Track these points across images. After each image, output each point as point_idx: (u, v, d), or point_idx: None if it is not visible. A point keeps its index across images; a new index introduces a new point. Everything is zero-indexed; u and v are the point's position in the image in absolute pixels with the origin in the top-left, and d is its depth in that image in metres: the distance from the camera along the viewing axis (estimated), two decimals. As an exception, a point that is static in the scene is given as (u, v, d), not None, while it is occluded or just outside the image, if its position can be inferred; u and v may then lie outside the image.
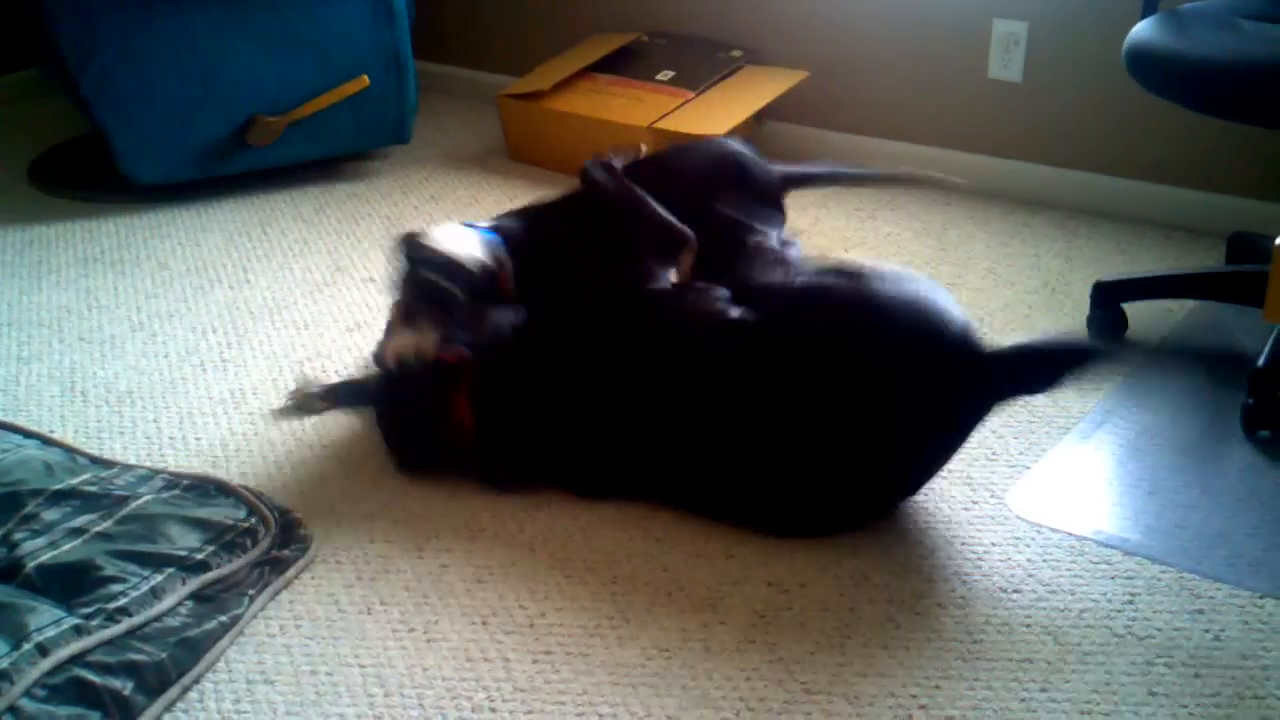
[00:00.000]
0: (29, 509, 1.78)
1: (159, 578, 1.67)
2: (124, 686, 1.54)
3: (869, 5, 3.22)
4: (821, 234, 2.96)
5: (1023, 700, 1.54)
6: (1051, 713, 1.52)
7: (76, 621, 1.56)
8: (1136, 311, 2.44)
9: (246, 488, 1.92)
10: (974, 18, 3.05)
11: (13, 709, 1.44)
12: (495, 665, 1.64)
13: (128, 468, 1.98)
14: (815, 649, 1.64)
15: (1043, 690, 1.56)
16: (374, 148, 3.59)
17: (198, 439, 2.20)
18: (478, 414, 1.99)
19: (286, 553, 1.84)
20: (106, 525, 1.76)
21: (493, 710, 1.57)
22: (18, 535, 1.73)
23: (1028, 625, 1.67)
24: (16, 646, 1.50)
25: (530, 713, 1.56)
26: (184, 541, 1.74)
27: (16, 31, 3.60)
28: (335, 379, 2.36)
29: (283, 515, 1.89)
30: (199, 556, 1.73)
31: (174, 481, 1.92)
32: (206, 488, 1.87)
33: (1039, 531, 1.87)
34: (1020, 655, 1.62)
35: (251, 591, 1.75)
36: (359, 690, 1.61)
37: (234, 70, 3.22)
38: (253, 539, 1.80)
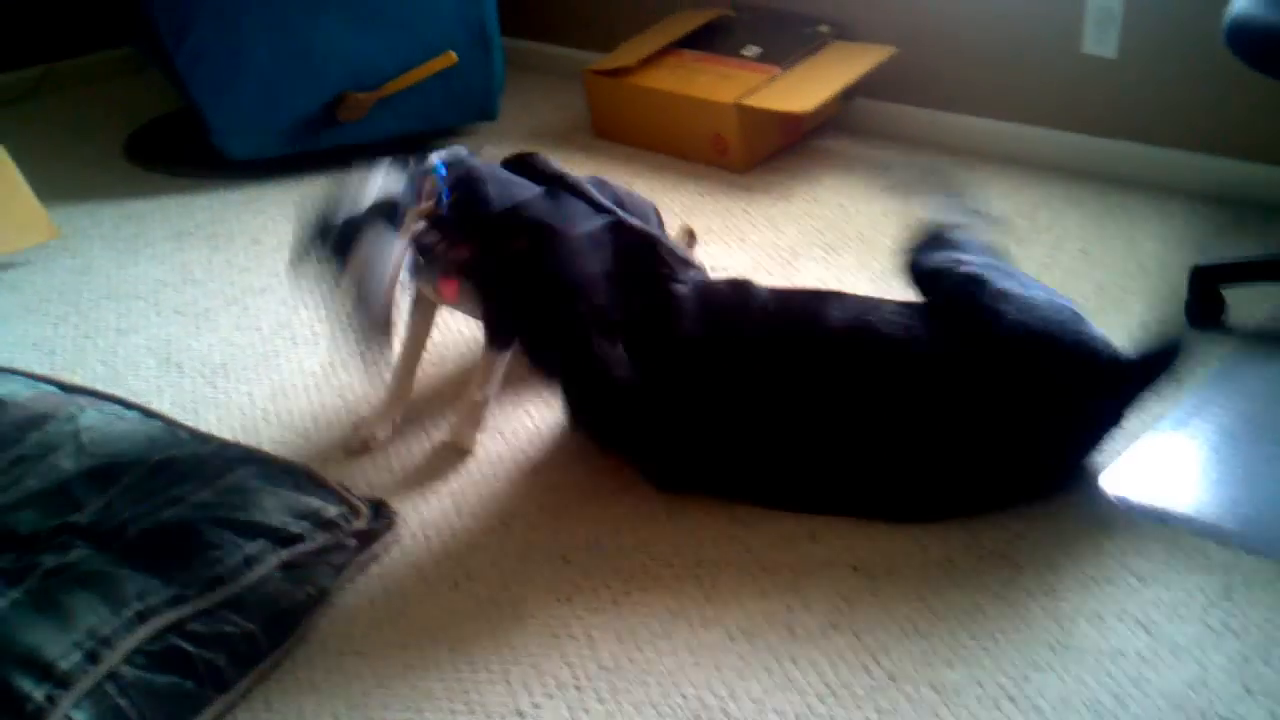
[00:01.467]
0: (130, 478, 1.83)
1: (253, 547, 1.71)
2: (218, 657, 1.58)
3: (961, -20, 3.17)
4: (910, 214, 2.92)
5: (1114, 694, 1.52)
6: (1143, 707, 1.50)
7: (174, 591, 1.60)
8: (1235, 296, 2.38)
9: (338, 483, 1.95)
10: (1069, -8, 2.99)
11: (113, 675, 1.48)
12: (580, 643, 1.66)
13: (225, 445, 2.01)
14: (900, 635, 1.64)
15: (1134, 684, 1.53)
16: (461, 124, 3.61)
17: (289, 412, 2.23)
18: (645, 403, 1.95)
19: (375, 528, 1.86)
20: (204, 495, 1.80)
21: (577, 688, 1.58)
22: (119, 503, 1.77)
23: (1120, 616, 1.65)
24: (117, 613, 1.54)
25: (614, 691, 1.57)
26: (278, 516, 1.77)
27: (112, 8, 3.66)
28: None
29: (371, 503, 1.92)
30: (292, 530, 1.76)
31: (268, 463, 1.94)
32: (299, 476, 1.90)
33: (1132, 520, 1.84)
34: (1111, 647, 1.60)
35: (342, 561, 1.78)
36: (446, 665, 1.64)
37: (325, 47, 3.25)
38: (345, 520, 1.83)
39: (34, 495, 1.80)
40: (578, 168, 3.33)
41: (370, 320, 1.82)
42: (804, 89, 3.17)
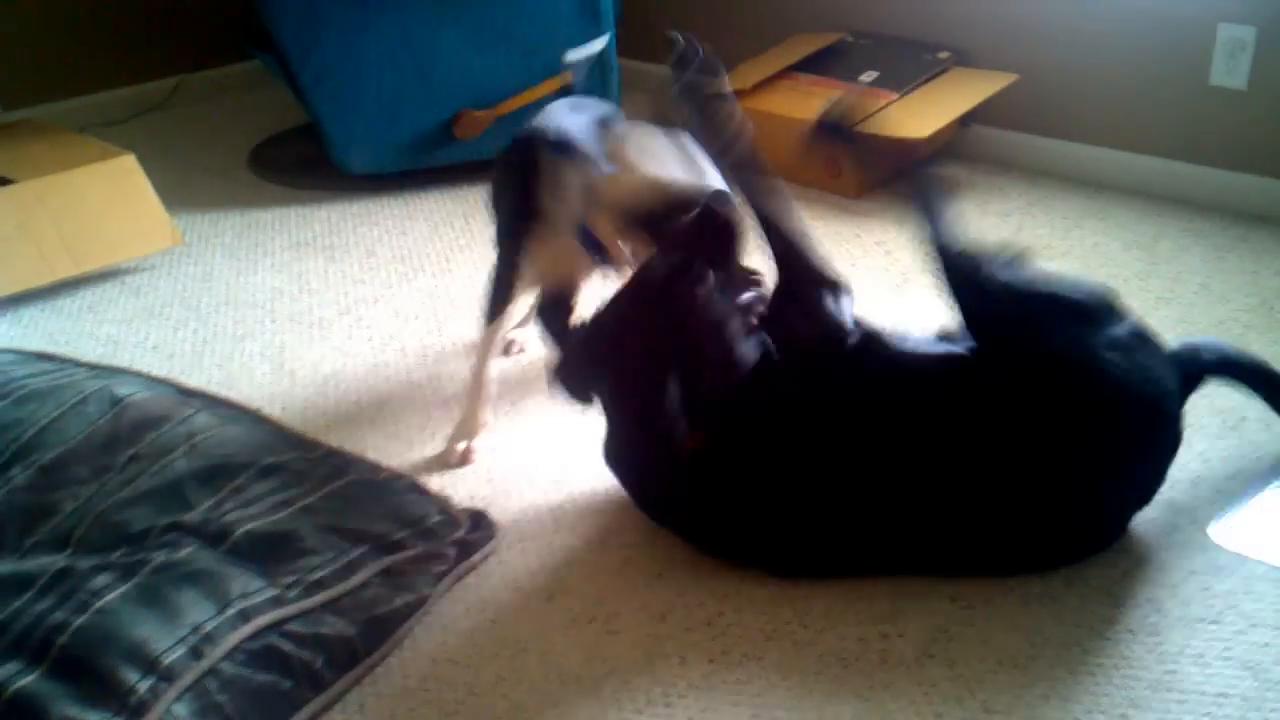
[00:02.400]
0: (239, 480, 1.87)
1: (354, 553, 1.74)
2: (315, 659, 1.60)
3: (1084, 6, 3.11)
4: (1025, 242, 2.87)
5: (1217, 737, 1.48)
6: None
7: (275, 591, 1.63)
8: (1362, 335, 2.31)
9: (439, 493, 1.97)
10: (1197, 21, 2.92)
11: (214, 671, 1.51)
12: (672, 661, 1.65)
13: (331, 451, 2.05)
14: (997, 668, 1.60)
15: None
16: (575, 143, 3.64)
17: (395, 422, 2.27)
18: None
19: (474, 538, 1.88)
20: (310, 500, 1.83)
21: (667, 706, 1.58)
22: (228, 504, 1.82)
23: (1226, 658, 1.60)
24: (221, 611, 1.58)
25: (705, 710, 1.57)
26: (380, 524, 1.80)
27: (243, 23, 3.77)
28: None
29: (472, 513, 1.94)
30: (393, 537, 1.79)
31: (373, 470, 1.98)
32: (402, 485, 1.93)
33: (1242, 562, 1.78)
34: (1215, 689, 1.55)
35: (440, 570, 1.81)
36: (537, 677, 1.65)
37: (445, 65, 3.31)
38: (445, 529, 1.85)
39: (147, 493, 1.85)
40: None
41: None
42: (920, 115, 3.14)
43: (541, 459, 2.14)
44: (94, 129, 3.80)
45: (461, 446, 2.15)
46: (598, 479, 2.05)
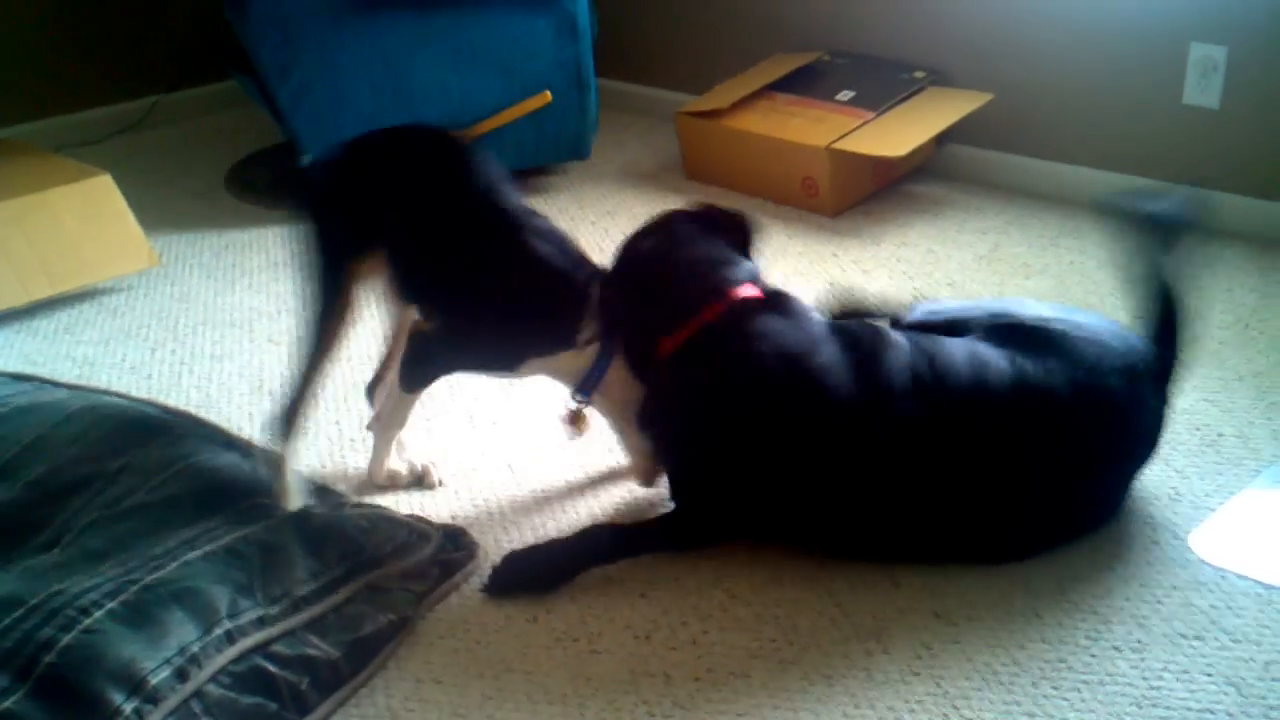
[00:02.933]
0: (238, 504, 1.86)
1: (337, 570, 1.73)
2: (300, 681, 1.60)
3: (1058, 26, 3.14)
4: (1002, 260, 2.90)
5: (1201, 752, 1.48)
6: None
7: (261, 610, 1.62)
8: (1337, 351, 2.33)
9: (414, 516, 1.97)
10: (1169, 41, 2.95)
11: (199, 693, 1.50)
12: (657, 680, 1.65)
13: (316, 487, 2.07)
14: (982, 685, 1.61)
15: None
16: (554, 162, 3.65)
17: (376, 442, 2.26)
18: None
19: (455, 557, 1.88)
20: (294, 520, 1.83)
21: (653, 725, 1.58)
22: (218, 520, 1.81)
23: (1208, 674, 1.60)
24: (208, 631, 1.56)
25: (690, 730, 1.56)
26: (362, 542, 1.80)
27: (222, 44, 3.77)
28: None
29: (452, 532, 1.95)
30: (375, 555, 1.79)
31: (350, 503, 1.98)
32: (379, 512, 1.93)
33: (1224, 577, 1.79)
34: (1200, 705, 1.55)
35: (422, 589, 1.80)
36: (522, 697, 1.64)
37: (422, 84, 3.31)
38: (425, 549, 1.85)
39: (144, 505, 1.84)
40: (669, 208, 3.36)
41: None
42: (897, 134, 3.16)
43: (523, 480, 2.13)
44: (70, 149, 3.79)
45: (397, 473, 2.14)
46: (579, 497, 2.06)
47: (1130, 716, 1.54)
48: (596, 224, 3.26)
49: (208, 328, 2.79)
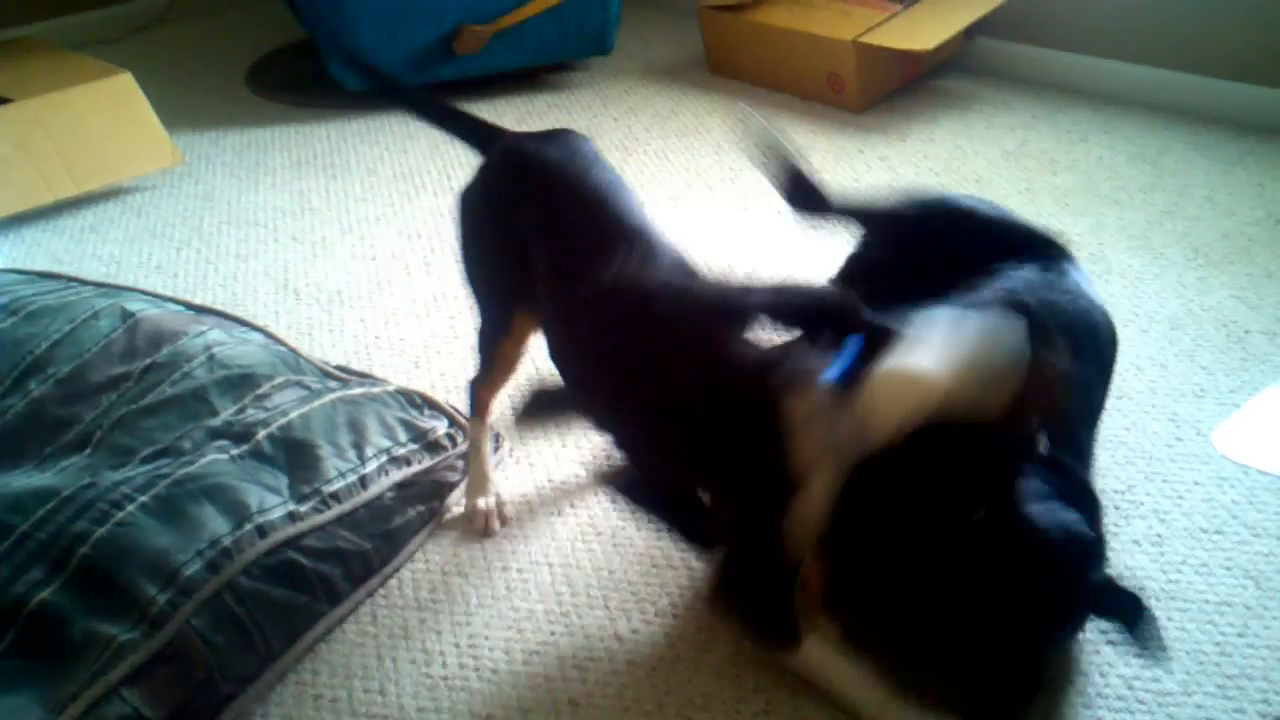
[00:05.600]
0: (263, 389, 1.87)
1: (368, 468, 1.75)
2: (332, 573, 1.63)
3: (1092, -84, 3.07)
4: (1029, 156, 2.86)
5: (1217, 643, 1.50)
6: (1247, 658, 1.48)
7: (291, 506, 1.65)
8: (1367, 247, 2.30)
9: (450, 405, 1.96)
10: (1206, -71, 2.88)
11: (231, 585, 1.53)
12: (680, 573, 1.67)
13: (343, 368, 2.07)
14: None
15: (1239, 635, 1.51)
16: (576, 58, 3.61)
17: (401, 339, 2.27)
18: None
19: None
20: (327, 413, 1.84)
21: (675, 616, 1.60)
22: (251, 409, 1.83)
23: (1228, 568, 1.62)
24: (239, 526, 1.59)
25: (713, 619, 1.59)
26: (392, 436, 1.82)
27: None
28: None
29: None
30: (403, 451, 1.80)
31: (384, 386, 1.98)
32: (414, 398, 1.93)
33: (1245, 473, 1.79)
34: (1218, 598, 1.57)
35: (451, 481, 1.83)
36: (548, 588, 1.67)
37: (443, -22, 3.27)
38: (452, 442, 1.86)
39: (169, 400, 1.85)
40: (692, 104, 3.34)
41: None
42: (925, 27, 3.11)
43: (546, 376, 2.14)
44: (89, 47, 3.77)
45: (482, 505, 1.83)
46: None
47: (1149, 608, 1.55)
48: (619, 120, 3.23)
49: (232, 226, 2.79)
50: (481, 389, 1.78)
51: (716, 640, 1.56)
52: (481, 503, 1.81)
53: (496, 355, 1.73)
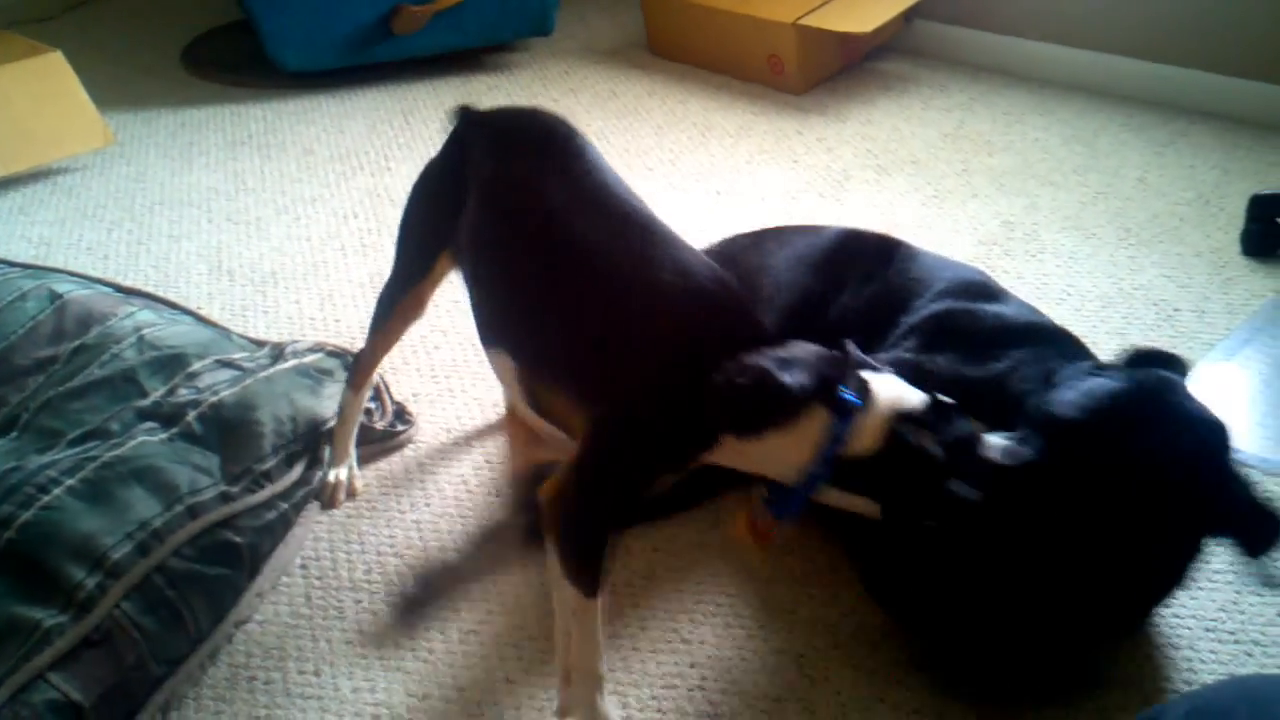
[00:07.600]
0: (193, 369, 1.85)
1: (296, 446, 1.76)
2: (262, 544, 1.65)
3: (1028, -101, 3.09)
4: (966, 138, 2.88)
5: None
6: (1175, 629, 1.50)
7: (223, 488, 1.63)
8: (1294, 227, 2.34)
9: (381, 379, 1.99)
10: (1139, -87, 2.91)
11: (161, 567, 1.51)
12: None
13: (274, 345, 2.05)
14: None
15: (1167, 607, 1.53)
16: (516, 38, 3.59)
17: (337, 320, 2.26)
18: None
19: (398, 429, 1.94)
20: (256, 392, 1.82)
21: (612, 592, 1.60)
22: (182, 389, 1.80)
23: (1156, 541, 1.64)
24: (169, 507, 1.57)
25: (645, 592, 1.59)
26: (317, 411, 1.82)
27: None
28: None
29: (397, 404, 1.99)
30: (328, 428, 1.82)
31: (308, 354, 1.97)
32: (345, 360, 1.93)
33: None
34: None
35: (365, 454, 1.89)
36: (457, 524, 1.67)
37: (381, -43, 3.24)
38: (369, 418, 1.90)
39: (97, 382, 1.82)
40: (633, 86, 3.33)
41: None
42: (863, 9, 3.12)
43: (474, 360, 2.13)
44: (22, 26, 3.70)
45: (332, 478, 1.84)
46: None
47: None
48: (559, 101, 3.22)
49: (165, 207, 2.75)
50: (366, 360, 1.78)
51: (652, 611, 1.57)
52: (332, 475, 1.82)
53: (396, 311, 1.70)
